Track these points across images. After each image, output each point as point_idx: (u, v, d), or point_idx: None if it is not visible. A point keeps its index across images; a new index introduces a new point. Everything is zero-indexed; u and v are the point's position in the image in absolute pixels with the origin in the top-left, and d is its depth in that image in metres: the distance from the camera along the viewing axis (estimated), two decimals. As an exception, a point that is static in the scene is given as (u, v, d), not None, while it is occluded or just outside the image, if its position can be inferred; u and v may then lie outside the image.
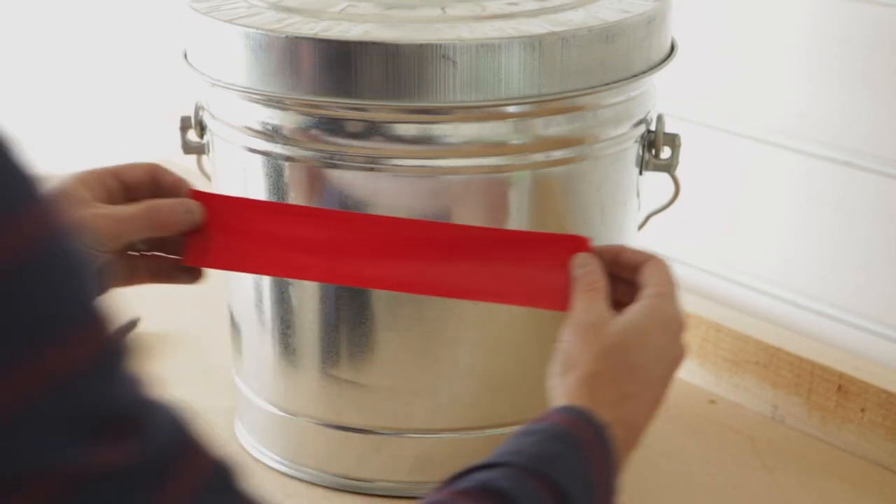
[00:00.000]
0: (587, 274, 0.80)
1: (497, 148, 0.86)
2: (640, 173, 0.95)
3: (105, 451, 0.44)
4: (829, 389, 1.06)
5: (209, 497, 0.48)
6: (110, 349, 0.45)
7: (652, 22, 0.89)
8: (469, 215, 0.88)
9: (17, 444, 0.42)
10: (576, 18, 0.86)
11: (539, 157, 0.87)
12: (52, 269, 0.43)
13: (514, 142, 0.86)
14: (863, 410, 1.04)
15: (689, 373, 1.14)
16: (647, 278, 0.78)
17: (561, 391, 0.74)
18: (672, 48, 0.94)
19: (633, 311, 0.76)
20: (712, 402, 1.12)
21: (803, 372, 1.07)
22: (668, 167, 0.95)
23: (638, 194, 0.96)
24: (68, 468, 0.43)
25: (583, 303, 0.78)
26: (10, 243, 0.42)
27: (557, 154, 0.87)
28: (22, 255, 0.42)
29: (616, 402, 0.73)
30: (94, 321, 0.45)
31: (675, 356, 0.77)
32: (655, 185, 0.99)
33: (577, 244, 0.82)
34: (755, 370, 1.10)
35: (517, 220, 0.88)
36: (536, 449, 0.67)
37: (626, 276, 0.80)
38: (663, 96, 0.98)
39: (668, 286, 0.78)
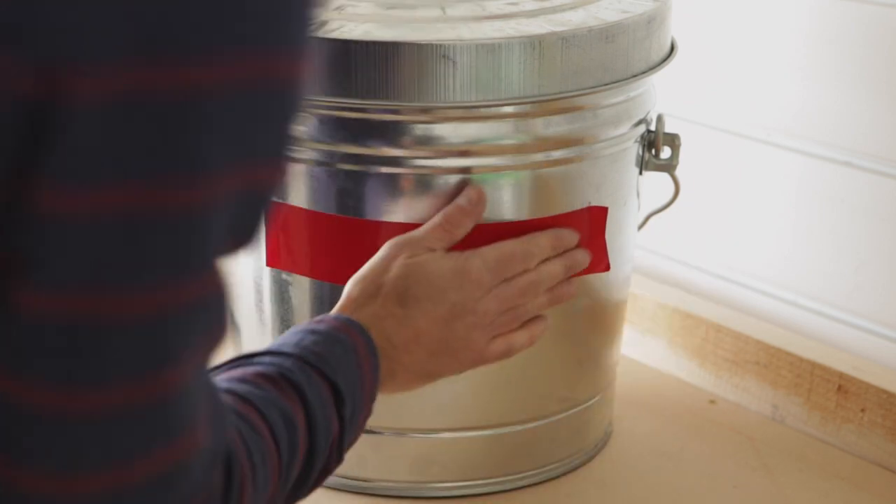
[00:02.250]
0: (454, 215, 0.84)
1: (497, 148, 0.86)
2: (640, 173, 0.95)
3: None
4: (829, 389, 1.06)
5: None
6: None
7: (652, 22, 0.89)
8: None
9: None
10: (576, 18, 0.86)
11: (539, 157, 0.87)
12: None
13: (514, 142, 0.86)
14: (863, 410, 1.04)
15: (689, 373, 1.14)
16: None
17: (344, 296, 0.82)
18: (672, 48, 0.94)
19: (447, 256, 0.82)
20: (712, 402, 1.12)
21: (803, 372, 1.07)
22: (668, 167, 0.95)
23: (638, 194, 0.96)
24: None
25: (422, 230, 0.83)
26: None
27: (557, 154, 0.87)
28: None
29: (380, 318, 0.80)
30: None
31: (473, 323, 0.82)
32: (655, 185, 0.99)
33: (595, 213, 0.88)
34: (755, 370, 1.10)
35: (517, 219, 0.88)
36: (320, 348, 0.73)
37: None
38: (663, 96, 0.98)
39: (487, 250, 0.84)
